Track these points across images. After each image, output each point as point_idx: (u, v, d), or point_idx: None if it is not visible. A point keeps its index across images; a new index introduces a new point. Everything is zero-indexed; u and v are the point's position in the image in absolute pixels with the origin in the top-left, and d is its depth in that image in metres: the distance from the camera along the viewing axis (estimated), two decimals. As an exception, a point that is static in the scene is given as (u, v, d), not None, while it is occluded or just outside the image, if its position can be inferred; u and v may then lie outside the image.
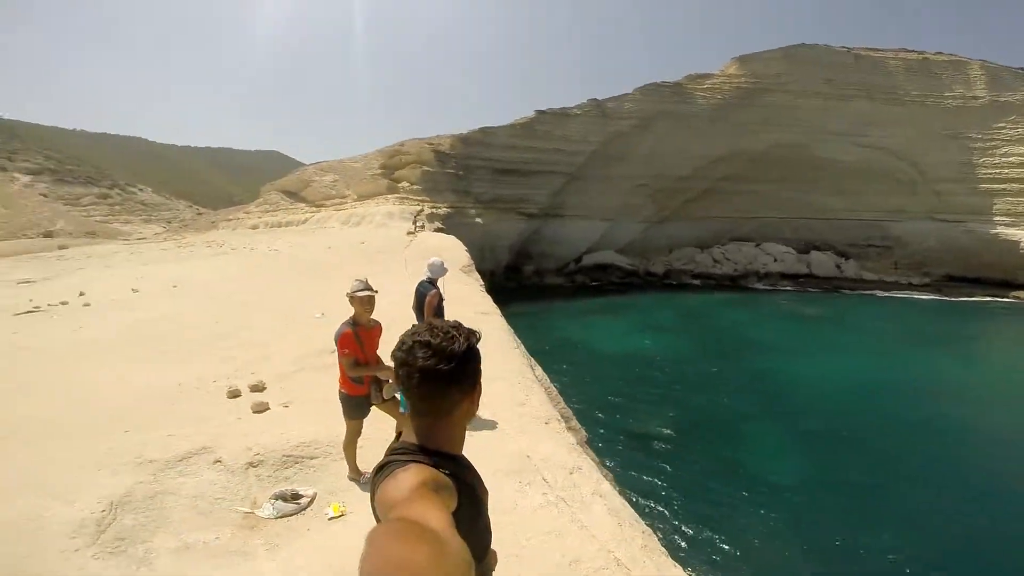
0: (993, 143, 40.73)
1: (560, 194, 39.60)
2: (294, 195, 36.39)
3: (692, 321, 28.06)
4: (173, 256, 22.93)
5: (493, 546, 1.40)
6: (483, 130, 37.32)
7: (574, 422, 6.63)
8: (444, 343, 1.17)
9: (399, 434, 1.30)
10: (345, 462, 4.30)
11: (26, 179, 52.93)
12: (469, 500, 1.19)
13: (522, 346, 8.88)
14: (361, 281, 4.47)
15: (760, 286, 39.40)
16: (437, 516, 0.88)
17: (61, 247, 33.16)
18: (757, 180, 43.72)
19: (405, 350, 1.19)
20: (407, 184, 31.60)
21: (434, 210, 28.03)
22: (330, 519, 3.67)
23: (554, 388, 7.55)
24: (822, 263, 41.74)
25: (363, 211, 28.08)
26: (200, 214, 58.96)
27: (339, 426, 4.84)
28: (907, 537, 9.15)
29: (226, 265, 18.15)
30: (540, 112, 39.12)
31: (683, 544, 8.81)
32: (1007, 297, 37.24)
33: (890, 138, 41.62)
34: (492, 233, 32.78)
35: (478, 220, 31.53)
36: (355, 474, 4.28)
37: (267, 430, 4.85)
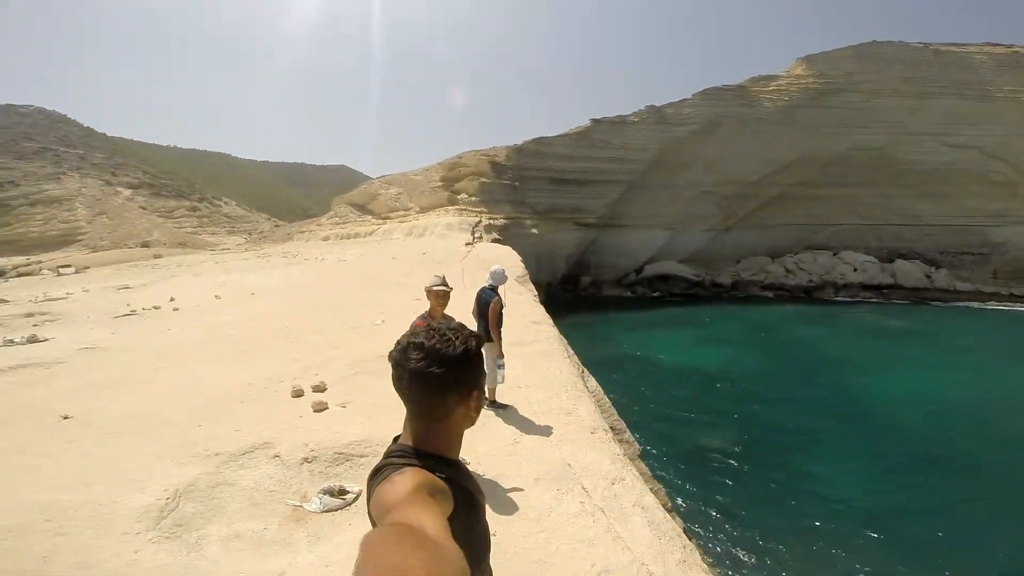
0: (1100, 137, 36.18)
1: (618, 203, 39.05)
2: (362, 208, 38.26)
3: (760, 335, 26.60)
4: (252, 265, 24.72)
5: (519, 551, 1.35)
6: (538, 140, 37.57)
7: (627, 434, 6.53)
8: (439, 346, 1.16)
9: (396, 437, 1.30)
10: None
11: (127, 192, 59.05)
12: (465, 505, 1.16)
13: (574, 356, 8.82)
14: (439, 277, 4.68)
15: (838, 298, 36.80)
16: (432, 521, 0.87)
17: (156, 256, 36.64)
18: (833, 185, 41.17)
19: (399, 351, 1.20)
20: (466, 196, 32.38)
21: (491, 221, 28.50)
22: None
23: (607, 399, 7.44)
24: (909, 272, 38.35)
25: (425, 223, 29.09)
26: (277, 226, 63.32)
27: (390, 427, 5.05)
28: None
29: (299, 274, 19.31)
30: (596, 121, 38.90)
31: (730, 566, 8.30)
32: None
33: (982, 137, 38.32)
34: (548, 243, 32.80)
35: (534, 231, 31.68)
36: None
37: (324, 428, 5.08)
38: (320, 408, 5.65)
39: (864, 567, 8.39)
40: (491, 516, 3.67)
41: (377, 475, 1.16)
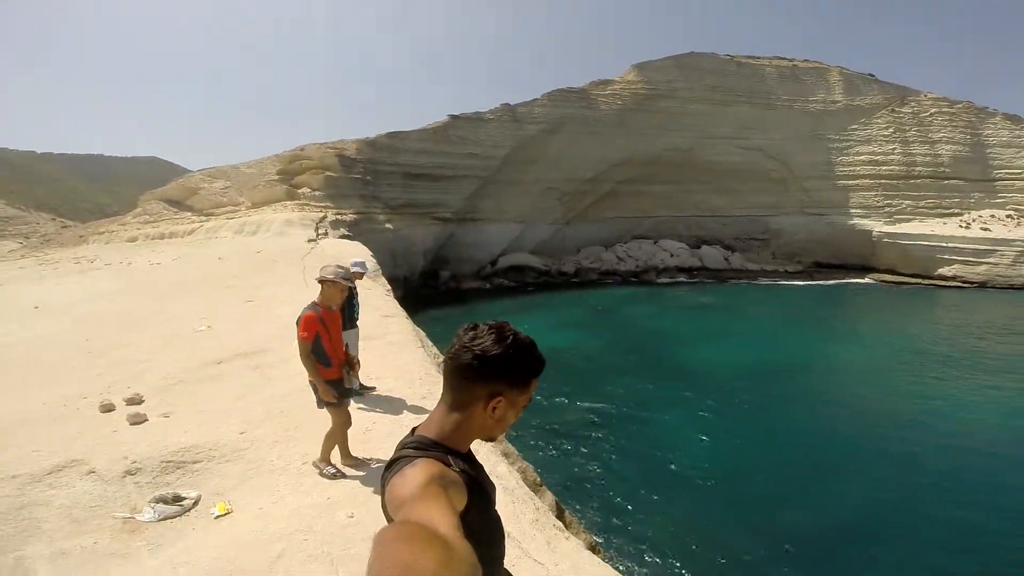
0: (847, 143, 47.09)
1: (474, 198, 39.95)
2: (179, 204, 33.33)
3: (602, 316, 29.52)
4: (33, 274, 20.12)
5: (377, 529, 1.31)
6: (393, 135, 36.69)
7: None
8: (489, 339, 1.21)
9: (414, 429, 1.30)
10: (229, 464, 4.29)
11: None
12: (479, 499, 1.18)
13: (431, 346, 9.00)
14: (343, 268, 4.53)
15: (660, 280, 42.32)
16: (444, 518, 0.88)
17: None
18: (652, 182, 46.94)
19: (455, 339, 1.25)
20: (308, 190, 30.20)
21: (339, 216, 27.04)
22: (216, 517, 3.67)
23: None
24: (712, 256, 45.74)
25: (259, 219, 26.35)
26: (65, 227, 52.00)
27: (221, 433, 4.83)
28: (804, 505, 10.21)
29: (97, 282, 16.26)
30: (454, 117, 39.26)
31: (597, 525, 9.14)
32: (864, 279, 43.23)
33: (765, 140, 46.53)
34: (404, 239, 32.28)
35: (388, 226, 30.91)
36: (323, 461, 4.21)
37: (145, 440, 4.70)
38: (138, 420, 5.07)
39: (699, 510, 9.91)
40: (348, 499, 3.81)
41: (391, 468, 1.15)
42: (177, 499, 3.81)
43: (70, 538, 3.44)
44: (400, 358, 7.32)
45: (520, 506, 3.91)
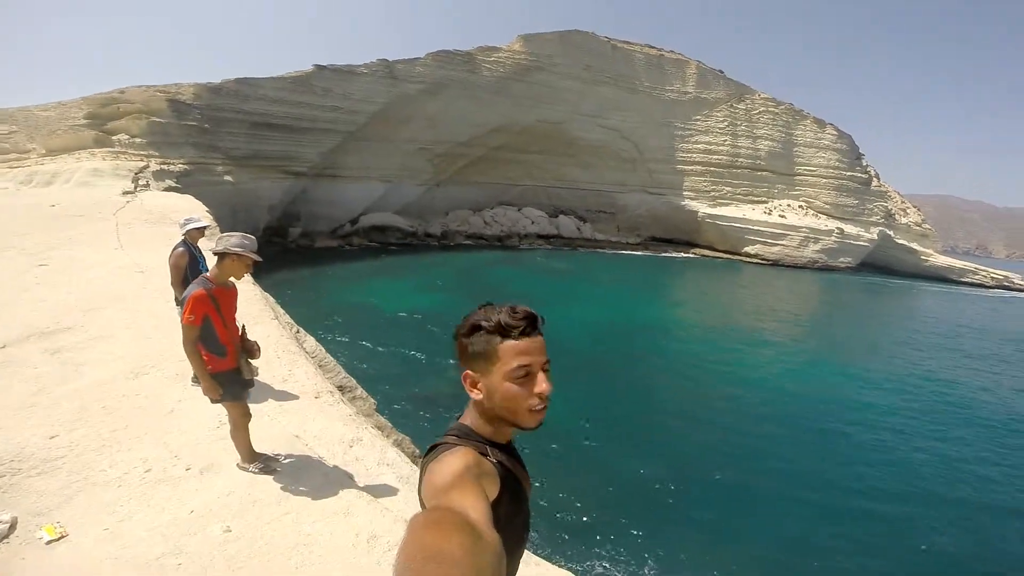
0: (689, 132, 52.67)
1: (335, 153, 37.46)
2: (-56, 146, 26.05)
3: (468, 278, 30.27)
4: None
5: (270, 540, 1.16)
6: (243, 81, 32.49)
7: (359, 391, 6.43)
8: (469, 318, 1.22)
9: (458, 416, 1.28)
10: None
11: None
12: (512, 492, 1.16)
13: (284, 316, 8.22)
14: (251, 239, 3.59)
15: (522, 246, 44.48)
16: (475, 506, 0.90)
17: None
18: (523, 151, 48.48)
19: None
20: (126, 136, 25.69)
21: (165, 167, 23.51)
22: (48, 543, 3.04)
23: (331, 359, 7.19)
24: (567, 225, 49.16)
25: (55, 168, 21.74)
26: None
27: (23, 436, 3.89)
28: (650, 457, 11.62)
29: None
30: (320, 67, 35.91)
31: None
32: (689, 253, 50.22)
33: (623, 122, 50.17)
34: (248, 192, 29.30)
35: (228, 178, 27.80)
36: (248, 460, 3.73)
37: None
38: None
39: (569, 468, 10.67)
40: (218, 510, 3.42)
41: (431, 453, 1.16)
42: None
43: None
44: (251, 333, 6.73)
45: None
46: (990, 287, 51.81)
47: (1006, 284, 52.43)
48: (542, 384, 1.18)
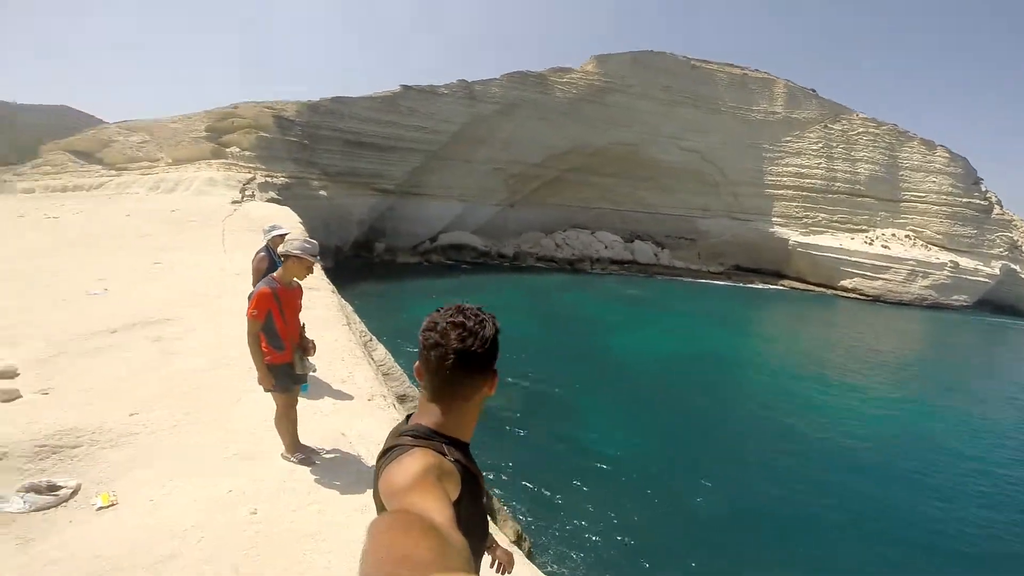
0: (779, 154, 49.82)
1: (419, 172, 39.16)
2: (88, 157, 30.32)
3: (538, 300, 30.11)
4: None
5: (289, 526, 1.23)
6: (338, 100, 35.04)
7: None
8: (477, 326, 1.18)
9: (408, 416, 1.27)
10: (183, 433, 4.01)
11: None
12: (471, 491, 1.16)
13: (358, 323, 8.60)
14: (312, 243, 3.96)
15: (593, 270, 43.66)
16: (439, 508, 0.88)
17: None
18: (597, 173, 47.99)
19: (439, 331, 1.17)
20: (237, 150, 28.37)
21: (269, 179, 25.64)
22: (98, 509, 3.36)
23: (399, 368, 7.47)
24: (644, 251, 47.62)
25: (178, 176, 24.46)
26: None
27: (107, 413, 4.43)
28: (724, 490, 11.03)
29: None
30: (406, 87, 38.07)
31: (523, 512, 9.36)
32: (778, 285, 46.70)
33: (704, 144, 48.34)
34: (340, 207, 31.18)
35: (322, 193, 29.74)
36: (291, 450, 4.01)
37: (14, 420, 4.27)
38: (9, 398, 4.71)
39: (621, 494, 10.40)
40: (252, 493, 3.60)
41: (386, 455, 1.14)
42: (52, 488, 3.44)
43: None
44: (321, 337, 7.07)
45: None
46: None
47: None
48: None
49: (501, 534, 4.14)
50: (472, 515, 1.16)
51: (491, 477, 10.05)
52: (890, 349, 28.17)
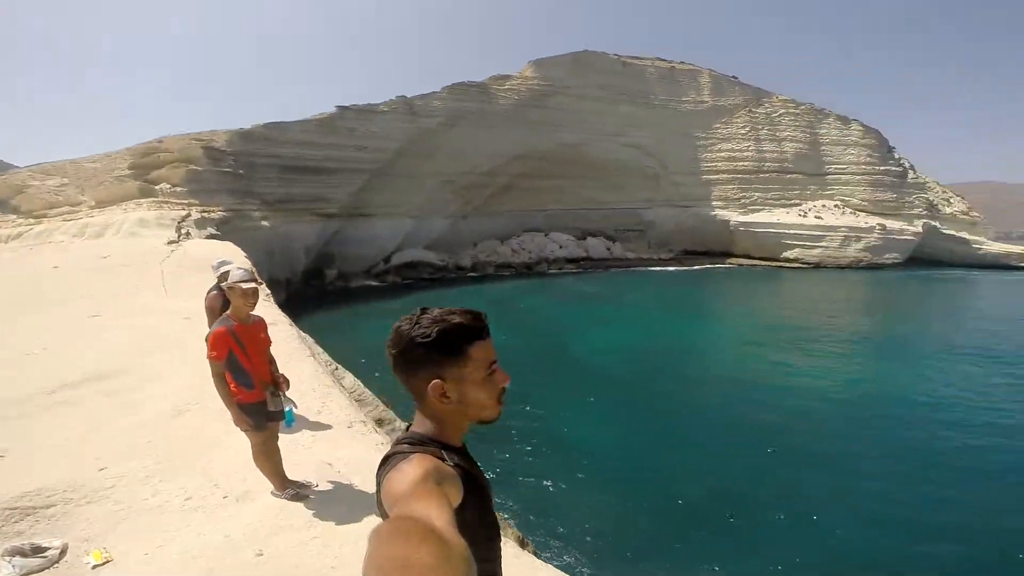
0: (711, 140, 52.22)
1: (363, 192, 38.41)
2: (1, 204, 27.86)
3: (500, 308, 30.00)
4: None
5: (299, 562, 1.22)
6: (272, 125, 33.94)
7: (399, 423, 6.54)
8: (407, 326, 1.18)
9: (409, 426, 1.27)
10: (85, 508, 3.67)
11: None
12: (475, 493, 1.16)
13: (323, 354, 8.46)
14: (245, 270, 3.81)
15: (551, 271, 44.12)
16: (439, 513, 0.87)
17: None
18: (546, 176, 48.72)
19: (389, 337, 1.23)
20: (167, 186, 26.84)
21: (205, 214, 24.35)
22: (93, 568, 3.17)
23: (370, 393, 7.39)
24: (596, 247, 48.63)
25: (105, 219, 22.74)
26: None
27: (78, 469, 4.19)
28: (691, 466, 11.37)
29: None
30: (342, 108, 37.25)
31: (518, 512, 9.31)
32: (726, 263, 48.71)
33: (643, 138, 50.06)
34: (284, 236, 30.06)
35: (264, 223, 28.58)
36: (280, 487, 3.86)
37: None
38: None
39: (602, 483, 10.49)
40: (250, 536, 3.49)
41: (386, 463, 1.13)
42: (37, 550, 3.21)
43: None
44: (288, 370, 6.75)
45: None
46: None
47: (1073, 268, 48.88)
48: (505, 378, 1.24)
49: (504, 537, 4.03)
50: (479, 519, 1.16)
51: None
52: (839, 310, 29.98)
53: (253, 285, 3.76)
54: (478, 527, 1.14)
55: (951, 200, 53.31)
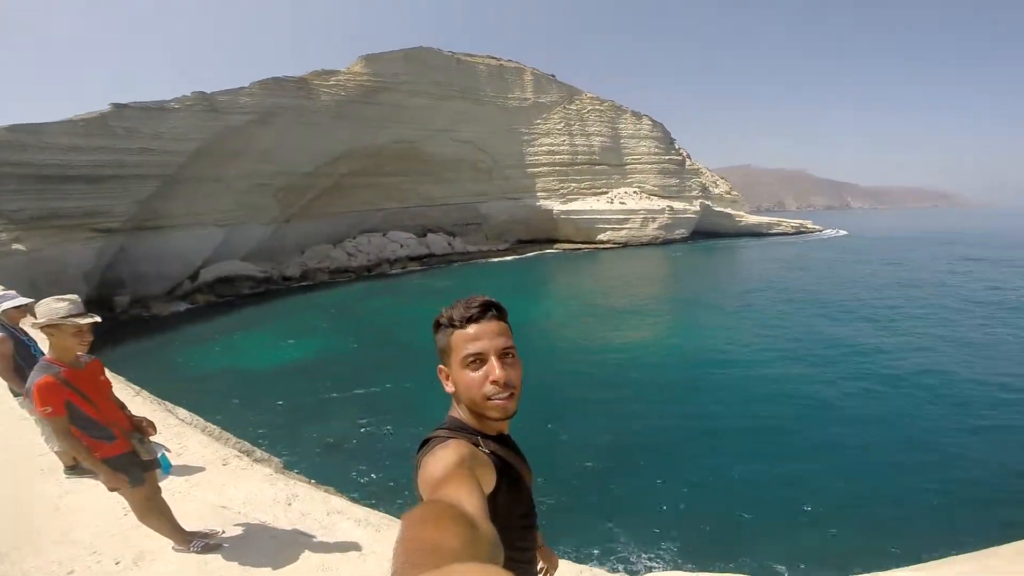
0: (533, 135, 55.89)
1: (153, 200, 32.28)
2: None
3: (339, 316, 28.25)
4: None
5: None
6: (23, 127, 26.33)
7: (259, 452, 6.09)
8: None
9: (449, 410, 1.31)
10: None
11: None
12: (509, 480, 1.18)
13: (144, 392, 7.12)
14: (71, 302, 3.04)
15: (394, 271, 42.96)
16: (470, 498, 0.89)
17: None
18: (378, 174, 46.98)
19: None
20: None
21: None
22: None
23: (216, 427, 6.72)
24: (438, 243, 48.82)
25: None
26: None
27: None
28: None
29: None
30: (119, 106, 30.56)
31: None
32: (553, 248, 53.16)
33: (475, 134, 51.46)
34: (49, 261, 24.02)
35: (17, 246, 22.47)
36: (183, 542, 3.36)
37: None
38: None
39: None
40: None
41: (424, 447, 1.16)
42: None
43: None
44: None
45: (386, 533, 3.74)
46: (791, 234, 65.24)
47: (802, 230, 67.14)
48: (495, 371, 1.18)
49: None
50: (510, 505, 1.18)
51: (363, 498, 9.32)
52: (646, 278, 35.09)
53: (92, 320, 3.10)
54: (510, 514, 1.17)
55: (717, 183, 65.60)
